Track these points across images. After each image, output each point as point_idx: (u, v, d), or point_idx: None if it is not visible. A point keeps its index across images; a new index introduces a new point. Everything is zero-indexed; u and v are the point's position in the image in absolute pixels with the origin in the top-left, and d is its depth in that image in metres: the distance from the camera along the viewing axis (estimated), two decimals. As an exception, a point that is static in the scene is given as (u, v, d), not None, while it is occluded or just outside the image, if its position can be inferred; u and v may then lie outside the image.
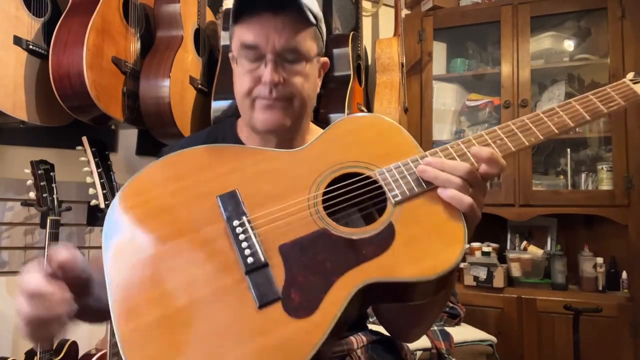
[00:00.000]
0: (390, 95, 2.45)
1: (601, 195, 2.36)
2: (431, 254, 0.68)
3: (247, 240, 0.70)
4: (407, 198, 0.73)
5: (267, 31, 0.83)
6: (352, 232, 0.71)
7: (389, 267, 0.67)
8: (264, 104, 0.87)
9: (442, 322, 2.07)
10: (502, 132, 0.77)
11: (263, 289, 0.66)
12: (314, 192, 0.75)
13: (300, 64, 0.87)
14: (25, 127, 1.57)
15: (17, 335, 1.72)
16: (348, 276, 0.66)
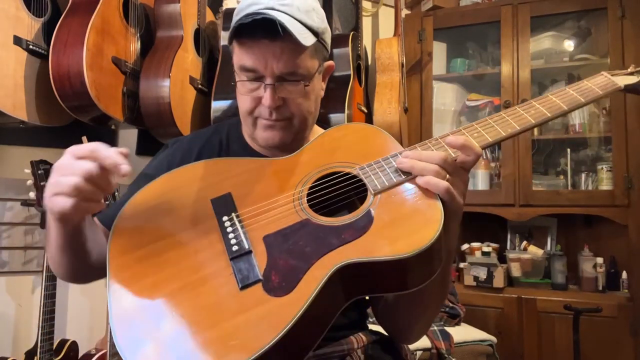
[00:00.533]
0: (390, 95, 2.45)
1: (601, 195, 2.36)
2: (407, 233, 0.70)
3: (234, 232, 0.76)
4: (386, 188, 0.76)
5: (265, 56, 0.83)
6: (333, 221, 0.75)
7: (367, 248, 0.70)
8: (265, 124, 0.89)
9: (442, 322, 2.07)
10: (479, 125, 0.81)
11: (245, 272, 0.71)
12: (300, 188, 0.80)
13: (299, 84, 0.86)
14: (25, 127, 1.57)
15: (17, 335, 1.72)
16: (326, 258, 0.70)
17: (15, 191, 1.71)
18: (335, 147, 0.87)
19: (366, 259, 0.68)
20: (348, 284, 0.71)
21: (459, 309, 2.15)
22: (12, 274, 1.72)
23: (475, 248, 2.54)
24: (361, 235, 0.71)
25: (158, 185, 0.87)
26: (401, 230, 0.71)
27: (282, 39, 0.81)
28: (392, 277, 0.71)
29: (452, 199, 0.72)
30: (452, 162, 0.74)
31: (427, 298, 0.83)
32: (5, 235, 1.71)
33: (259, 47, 0.83)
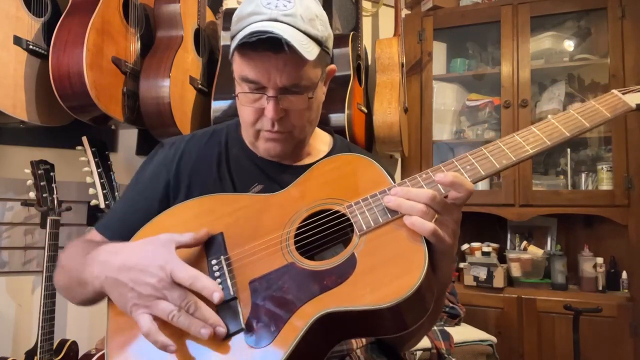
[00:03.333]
0: (390, 95, 2.45)
1: (601, 195, 2.36)
2: (389, 281, 0.67)
3: (221, 277, 0.76)
4: (373, 228, 0.74)
5: (268, 69, 0.81)
6: (317, 265, 0.73)
7: (347, 297, 0.68)
8: (267, 137, 0.88)
9: (442, 322, 2.07)
10: (473, 157, 0.77)
11: (228, 321, 0.71)
12: (288, 229, 0.79)
13: (302, 96, 0.85)
14: (25, 127, 1.57)
15: (17, 335, 1.72)
16: (307, 307, 0.68)
17: (15, 191, 1.71)
18: (326, 182, 0.84)
19: (345, 308, 0.66)
20: (332, 330, 0.70)
21: (459, 309, 2.15)
22: (12, 274, 1.72)
23: (475, 248, 2.54)
24: (343, 281, 0.69)
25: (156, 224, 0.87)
26: (383, 277, 0.68)
27: (285, 52, 0.79)
28: (376, 324, 0.69)
29: (439, 241, 0.70)
30: (441, 201, 0.71)
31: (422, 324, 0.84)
32: (5, 235, 1.72)
33: (261, 60, 0.81)
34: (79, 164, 1.61)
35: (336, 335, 0.71)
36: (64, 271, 0.87)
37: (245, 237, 0.80)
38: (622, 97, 0.79)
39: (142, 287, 0.69)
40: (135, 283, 0.70)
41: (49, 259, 1.52)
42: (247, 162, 0.95)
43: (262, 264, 0.76)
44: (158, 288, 0.69)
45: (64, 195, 1.61)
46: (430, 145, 2.67)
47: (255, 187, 0.92)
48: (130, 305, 0.70)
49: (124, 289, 0.71)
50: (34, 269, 1.76)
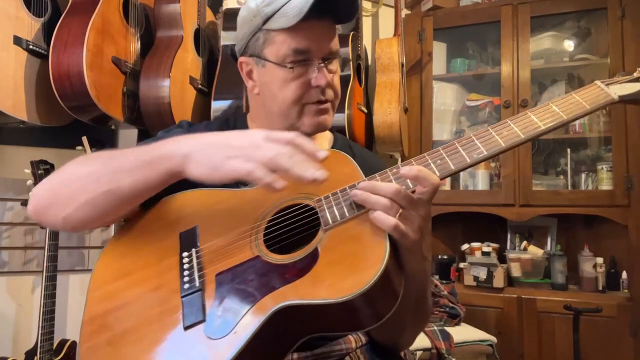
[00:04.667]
0: (390, 95, 2.45)
1: (601, 195, 2.36)
2: (346, 276, 0.67)
3: (190, 269, 0.77)
4: (338, 223, 0.73)
5: (319, 37, 0.86)
6: (281, 259, 0.74)
7: (305, 290, 0.68)
8: (316, 109, 0.89)
9: (442, 322, 2.07)
10: (445, 151, 0.75)
11: (191, 311, 0.72)
12: (259, 222, 0.79)
13: (335, 63, 0.90)
14: (25, 127, 1.57)
15: (17, 335, 1.72)
16: (266, 299, 0.69)
17: (15, 191, 1.71)
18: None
19: (302, 302, 0.66)
20: (294, 325, 0.69)
21: (459, 309, 2.15)
22: (12, 274, 1.72)
23: (475, 248, 2.54)
24: (303, 275, 0.69)
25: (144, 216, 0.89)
26: (342, 271, 0.68)
27: (325, 18, 0.85)
28: (334, 318, 0.68)
29: (402, 236, 0.68)
30: (406, 195, 0.69)
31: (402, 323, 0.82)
32: (5, 235, 1.72)
33: (311, 28, 0.85)
34: (79, 164, 1.61)
35: (297, 330, 0.71)
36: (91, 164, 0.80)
37: (219, 230, 0.81)
38: (605, 88, 0.75)
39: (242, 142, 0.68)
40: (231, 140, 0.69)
41: (49, 259, 1.52)
42: None
43: (231, 257, 0.77)
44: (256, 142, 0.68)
45: (64, 195, 1.61)
46: (430, 145, 2.67)
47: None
48: (223, 159, 0.68)
49: (215, 149, 0.69)
50: (34, 269, 1.76)
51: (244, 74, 0.95)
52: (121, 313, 0.77)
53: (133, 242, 0.87)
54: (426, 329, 1.93)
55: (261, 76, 0.91)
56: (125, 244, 0.87)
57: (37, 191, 0.82)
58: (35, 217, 0.82)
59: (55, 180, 0.81)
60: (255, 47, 0.89)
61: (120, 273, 0.83)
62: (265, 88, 0.91)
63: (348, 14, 0.88)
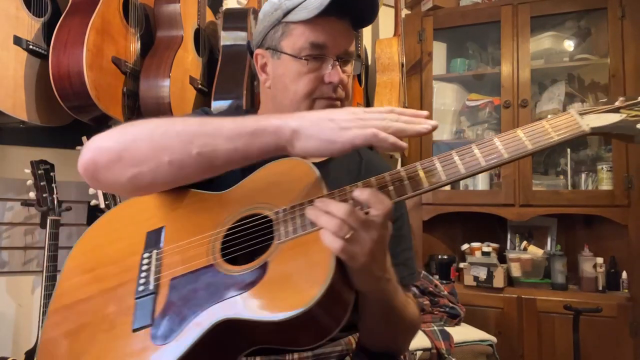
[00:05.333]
0: (390, 95, 2.45)
1: (601, 195, 2.36)
2: (286, 295, 0.66)
3: (147, 270, 0.78)
4: (291, 238, 0.72)
5: (335, 34, 0.87)
6: (232, 270, 0.73)
7: (247, 306, 0.68)
8: (326, 104, 0.89)
9: (442, 322, 2.07)
10: (406, 172, 0.72)
11: (141, 314, 0.73)
12: (220, 229, 0.78)
13: (350, 65, 0.91)
14: (25, 127, 1.57)
15: (17, 335, 1.72)
16: (210, 311, 0.69)
17: (15, 191, 1.71)
18: (268, 184, 0.83)
19: (241, 317, 0.66)
20: (236, 336, 0.69)
21: (459, 309, 2.15)
22: (12, 274, 1.72)
23: (475, 248, 2.54)
24: (249, 289, 0.69)
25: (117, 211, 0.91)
26: (284, 290, 0.67)
27: (345, 18, 0.86)
28: (275, 335, 0.68)
29: (350, 259, 0.66)
30: (357, 217, 0.65)
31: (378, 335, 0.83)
32: (5, 235, 1.71)
33: (330, 24, 0.86)
34: (79, 164, 1.61)
35: (239, 341, 0.70)
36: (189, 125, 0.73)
37: (183, 233, 0.81)
38: (578, 118, 0.68)
39: (346, 115, 0.68)
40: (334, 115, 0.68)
41: (49, 259, 1.52)
42: None
43: (188, 262, 0.77)
44: (359, 113, 0.68)
45: (64, 195, 1.61)
46: (430, 145, 2.67)
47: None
48: (338, 130, 0.66)
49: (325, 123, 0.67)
50: (34, 269, 1.76)
51: (258, 67, 0.95)
52: (82, 307, 0.79)
53: (105, 235, 0.88)
54: (426, 329, 1.93)
55: (275, 68, 0.91)
56: (98, 236, 0.88)
57: (102, 142, 0.75)
58: (88, 173, 0.76)
59: (129, 133, 0.74)
60: (273, 39, 0.90)
61: (89, 266, 0.84)
62: (277, 80, 0.91)
63: (368, 16, 0.89)
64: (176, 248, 0.79)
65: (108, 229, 0.89)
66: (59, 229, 1.56)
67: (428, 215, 2.58)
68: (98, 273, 0.82)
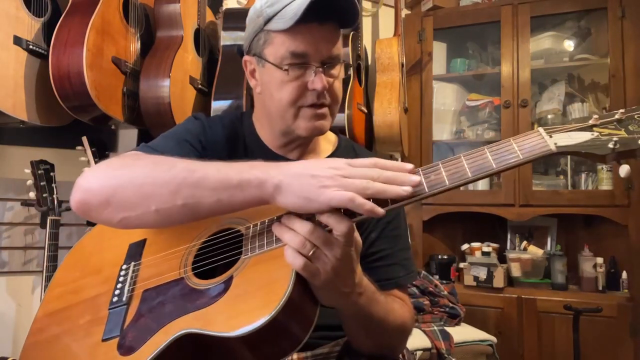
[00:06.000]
0: (390, 95, 2.45)
1: (601, 195, 2.36)
2: (244, 311, 0.66)
3: (123, 282, 0.80)
4: (257, 254, 0.72)
5: (317, 41, 0.85)
6: (200, 283, 0.74)
7: (207, 320, 0.68)
8: (311, 113, 0.89)
9: (442, 322, 2.07)
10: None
11: (112, 325, 0.75)
12: (194, 242, 0.79)
13: (336, 68, 0.90)
14: (25, 127, 1.57)
15: (17, 335, 1.72)
16: (174, 324, 0.70)
17: (15, 191, 1.71)
18: None
19: (202, 331, 0.67)
20: (198, 349, 0.70)
21: (459, 309, 2.15)
22: (12, 274, 1.72)
23: (475, 248, 2.54)
24: (212, 303, 0.69)
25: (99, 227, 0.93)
26: (243, 305, 0.68)
27: (328, 23, 0.85)
28: (234, 350, 0.68)
29: (312, 276, 0.66)
30: (320, 235, 0.65)
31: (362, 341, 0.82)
32: (5, 235, 1.72)
33: (310, 32, 0.85)
34: (79, 164, 1.61)
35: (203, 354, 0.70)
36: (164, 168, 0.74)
37: (163, 245, 0.82)
38: (545, 136, 0.65)
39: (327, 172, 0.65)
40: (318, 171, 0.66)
41: (49, 259, 1.52)
42: (258, 154, 0.96)
43: (162, 274, 0.78)
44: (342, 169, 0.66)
45: (64, 195, 1.61)
46: (430, 145, 2.67)
47: None
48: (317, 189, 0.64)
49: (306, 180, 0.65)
50: (34, 269, 1.76)
51: (248, 73, 0.95)
52: (63, 315, 0.82)
53: (94, 245, 0.90)
54: (426, 329, 1.93)
55: (262, 76, 0.92)
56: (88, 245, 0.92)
57: (90, 184, 0.76)
58: (80, 212, 0.77)
59: (117, 177, 0.75)
60: (257, 47, 0.90)
61: (74, 276, 0.87)
62: (265, 87, 0.92)
63: (349, 18, 0.87)
64: (153, 260, 0.81)
65: (98, 239, 0.91)
66: (59, 229, 1.56)
67: (428, 215, 2.58)
68: (81, 283, 0.85)
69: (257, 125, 1.00)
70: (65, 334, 0.79)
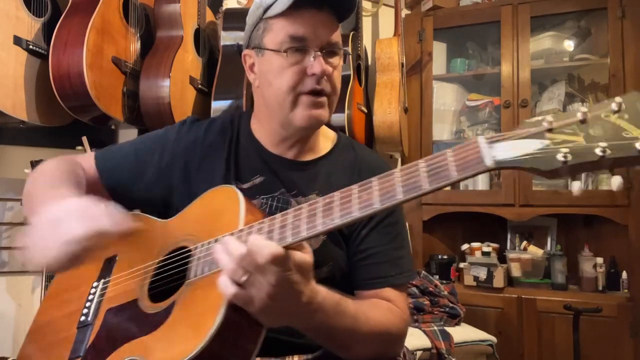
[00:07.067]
0: (390, 95, 2.45)
1: (601, 195, 2.36)
2: (178, 342, 0.65)
3: (92, 300, 0.81)
4: (198, 278, 0.70)
5: (315, 24, 0.86)
6: (149, 307, 0.74)
7: (148, 348, 0.68)
8: (310, 101, 0.87)
9: (442, 322, 2.07)
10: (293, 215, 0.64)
11: (77, 345, 0.76)
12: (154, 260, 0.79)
13: (336, 57, 0.90)
14: (25, 127, 1.57)
15: (17, 335, 1.72)
16: (123, 348, 0.71)
17: (15, 191, 1.71)
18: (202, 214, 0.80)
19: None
20: None
21: (459, 309, 2.14)
22: (12, 274, 1.72)
23: (475, 248, 2.54)
24: (154, 331, 0.69)
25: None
26: (179, 335, 0.66)
27: (326, 9, 0.86)
28: None
29: (245, 304, 0.62)
30: (252, 261, 0.60)
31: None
32: (5, 235, 1.71)
33: (308, 16, 0.85)
34: (79, 164, 1.61)
35: None
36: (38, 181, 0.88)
37: (129, 262, 0.82)
38: (483, 148, 0.53)
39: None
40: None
41: (49, 259, 1.52)
42: (254, 155, 0.96)
43: (124, 293, 0.78)
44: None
45: (64, 195, 1.61)
46: (430, 145, 2.67)
47: (256, 179, 0.92)
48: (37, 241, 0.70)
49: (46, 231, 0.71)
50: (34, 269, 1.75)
51: (247, 68, 0.95)
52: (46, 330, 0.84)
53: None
54: (426, 329, 1.93)
55: (260, 66, 0.92)
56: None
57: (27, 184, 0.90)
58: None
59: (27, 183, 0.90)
60: (257, 37, 0.90)
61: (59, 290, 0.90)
62: (263, 78, 0.91)
63: (347, 6, 0.88)
64: (119, 278, 0.81)
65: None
66: (59, 229, 1.56)
67: (428, 215, 2.58)
68: (62, 298, 0.86)
69: (255, 124, 0.99)
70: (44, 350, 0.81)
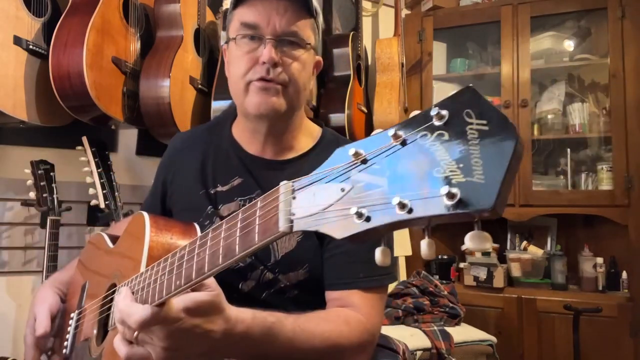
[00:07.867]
0: (390, 95, 2.45)
1: (601, 195, 2.36)
2: None
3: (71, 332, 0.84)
4: (113, 327, 0.67)
5: (269, 12, 0.83)
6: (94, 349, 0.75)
7: None
8: (259, 86, 0.84)
9: (442, 322, 2.07)
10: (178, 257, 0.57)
11: None
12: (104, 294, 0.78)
13: (298, 49, 0.86)
14: (25, 127, 1.57)
15: (17, 335, 1.72)
16: None
17: (15, 191, 1.71)
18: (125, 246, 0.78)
19: None
20: None
21: (459, 309, 2.14)
22: (12, 274, 1.72)
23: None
24: None
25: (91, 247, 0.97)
26: None
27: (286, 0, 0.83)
28: None
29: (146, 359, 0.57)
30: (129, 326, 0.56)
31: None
32: (5, 235, 1.71)
33: (262, 3, 0.84)
34: (79, 164, 1.61)
35: None
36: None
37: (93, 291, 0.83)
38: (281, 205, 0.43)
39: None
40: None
41: (49, 259, 1.52)
42: (233, 156, 0.95)
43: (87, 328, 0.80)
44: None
45: (64, 195, 1.61)
46: (430, 145, 2.66)
47: (235, 181, 0.92)
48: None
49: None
50: (34, 269, 1.75)
51: (226, 64, 0.94)
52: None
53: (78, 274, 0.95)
54: (426, 329, 1.93)
55: (227, 57, 0.92)
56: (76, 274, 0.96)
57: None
58: None
59: None
60: (226, 31, 0.91)
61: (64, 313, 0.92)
62: (227, 68, 0.92)
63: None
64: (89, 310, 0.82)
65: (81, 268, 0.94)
66: (59, 229, 1.56)
67: (428, 215, 2.58)
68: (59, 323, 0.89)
69: (235, 124, 0.99)
70: None
